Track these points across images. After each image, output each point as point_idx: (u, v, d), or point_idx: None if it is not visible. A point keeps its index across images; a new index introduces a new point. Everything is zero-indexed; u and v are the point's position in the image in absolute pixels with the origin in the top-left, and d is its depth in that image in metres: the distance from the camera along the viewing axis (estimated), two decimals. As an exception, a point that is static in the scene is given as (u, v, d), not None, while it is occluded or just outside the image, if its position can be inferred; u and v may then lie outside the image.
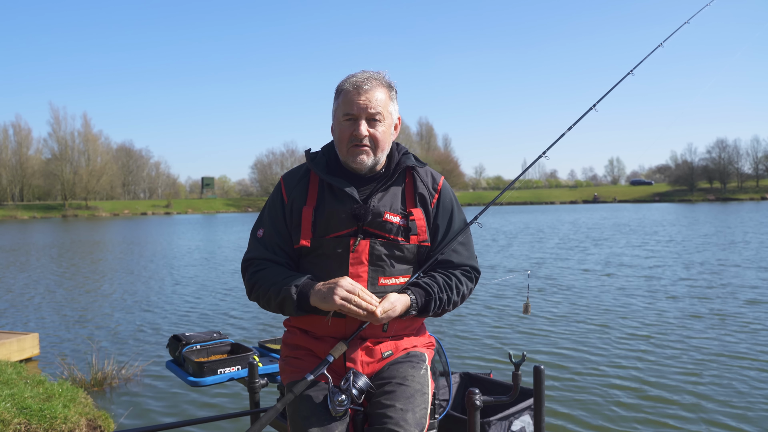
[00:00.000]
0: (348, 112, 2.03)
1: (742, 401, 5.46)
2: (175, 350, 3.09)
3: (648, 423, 5.07)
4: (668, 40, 2.83)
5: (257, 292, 2.05)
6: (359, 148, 2.03)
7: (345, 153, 2.06)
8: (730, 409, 5.30)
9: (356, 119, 2.02)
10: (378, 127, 2.04)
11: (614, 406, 5.45)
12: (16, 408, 4.35)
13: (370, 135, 2.03)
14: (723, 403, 5.44)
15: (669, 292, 11.16)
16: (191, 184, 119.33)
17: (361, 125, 2.02)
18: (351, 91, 2.02)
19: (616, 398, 5.63)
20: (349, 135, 2.03)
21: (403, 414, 1.86)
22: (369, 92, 2.02)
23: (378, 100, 2.03)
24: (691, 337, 7.72)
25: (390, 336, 2.07)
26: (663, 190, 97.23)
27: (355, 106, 2.01)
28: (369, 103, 2.01)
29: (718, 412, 5.25)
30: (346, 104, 2.03)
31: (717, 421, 5.07)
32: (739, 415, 5.16)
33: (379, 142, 2.05)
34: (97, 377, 6.36)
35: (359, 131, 2.01)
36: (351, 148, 2.04)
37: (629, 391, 5.81)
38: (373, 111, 2.02)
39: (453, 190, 2.24)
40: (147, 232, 38.58)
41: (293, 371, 2.05)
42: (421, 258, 2.12)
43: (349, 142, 2.03)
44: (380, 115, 2.04)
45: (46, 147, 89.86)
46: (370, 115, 2.02)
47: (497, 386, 2.85)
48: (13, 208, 79.43)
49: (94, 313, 10.59)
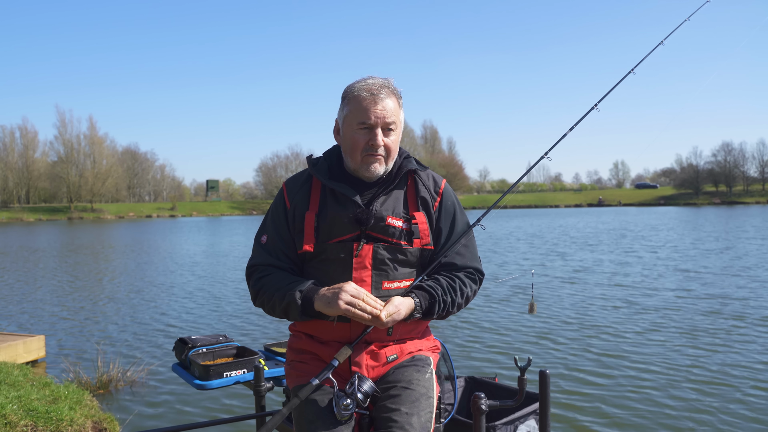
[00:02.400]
0: (364, 121, 2.02)
1: (751, 410, 5.43)
2: (181, 353, 3.10)
3: (654, 428, 5.05)
4: (669, 39, 2.83)
5: (262, 297, 2.05)
6: (374, 156, 2.04)
7: (359, 161, 2.05)
8: (739, 416, 5.27)
9: (372, 128, 2.02)
10: (392, 136, 2.05)
11: (620, 410, 5.43)
12: (23, 410, 4.37)
13: (384, 144, 2.04)
14: (731, 411, 5.41)
15: (677, 298, 11.11)
16: (196, 187, 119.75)
17: (378, 135, 2.01)
18: (366, 98, 2.01)
19: (621, 403, 5.61)
20: (365, 144, 2.03)
21: (408, 418, 1.86)
22: (384, 101, 2.02)
23: (392, 109, 2.04)
24: (699, 344, 7.69)
25: (395, 340, 2.07)
26: (668, 194, 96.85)
27: (371, 115, 2.00)
28: (385, 113, 2.01)
29: (725, 416, 5.22)
30: (361, 112, 2.01)
31: (724, 427, 5.04)
32: (746, 420, 5.14)
33: (392, 151, 2.07)
34: (103, 380, 6.38)
35: (376, 141, 2.01)
36: (365, 156, 2.04)
37: (635, 395, 5.79)
38: (389, 120, 2.03)
39: (456, 193, 2.24)
40: (152, 235, 38.68)
41: (299, 375, 2.06)
42: (424, 261, 2.12)
43: (364, 150, 2.03)
44: (394, 125, 2.05)
45: (52, 150, 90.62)
46: (386, 125, 2.03)
47: (502, 390, 2.85)
48: (19, 211, 79.82)
49: (99, 316, 10.63)
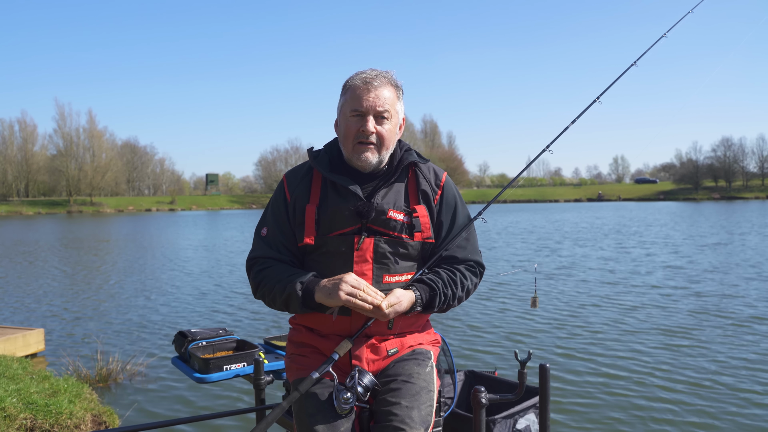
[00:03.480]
0: (356, 108, 2.01)
1: (749, 406, 5.44)
2: (180, 346, 3.09)
3: (653, 422, 5.06)
4: (672, 32, 2.82)
5: (262, 290, 2.05)
6: (365, 145, 2.03)
7: (350, 149, 2.05)
8: (737, 408, 5.28)
9: (364, 116, 2.01)
10: (385, 124, 2.03)
11: (619, 404, 5.44)
12: (23, 403, 4.37)
13: (376, 132, 2.02)
14: (730, 403, 5.43)
15: (680, 293, 11.12)
16: (195, 181, 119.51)
17: (368, 122, 2.00)
18: (360, 87, 2.01)
19: (621, 396, 5.62)
20: (356, 131, 2.02)
21: (408, 411, 1.86)
22: (378, 89, 2.01)
23: (386, 97, 2.02)
24: (700, 339, 7.70)
25: (395, 333, 2.06)
26: (668, 189, 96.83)
27: (363, 102, 2.00)
28: (378, 101, 2.00)
29: (724, 411, 5.23)
30: (354, 100, 2.01)
31: (724, 422, 5.05)
32: (747, 417, 5.15)
33: (385, 140, 2.05)
34: (102, 373, 6.39)
35: (367, 127, 2.00)
36: (356, 144, 2.03)
37: (635, 389, 5.80)
38: (381, 108, 2.01)
39: (457, 187, 2.23)
40: (152, 229, 38.68)
41: (299, 369, 2.05)
42: (425, 255, 2.11)
43: (355, 138, 2.02)
44: (388, 113, 2.03)
45: (51, 143, 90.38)
46: (378, 113, 2.01)
47: (502, 384, 2.85)
48: (18, 204, 79.74)
49: (99, 309, 10.63)
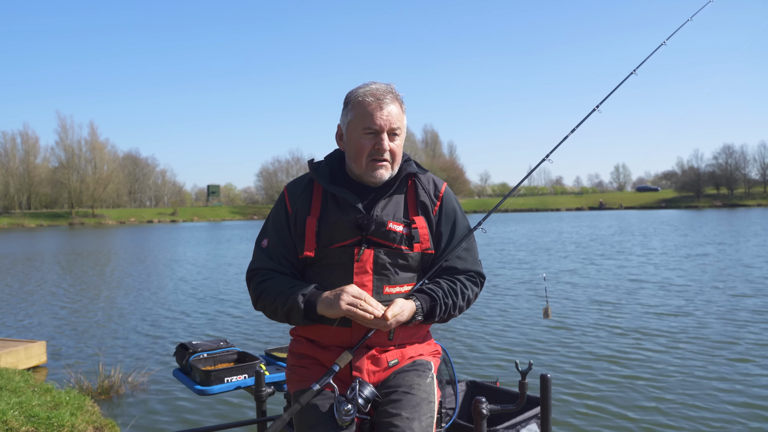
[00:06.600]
0: (369, 126, 2.03)
1: (757, 417, 5.42)
2: (182, 358, 3.10)
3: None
4: (671, 40, 2.83)
5: (263, 301, 2.06)
6: (380, 162, 2.05)
7: (364, 167, 2.06)
8: (742, 423, 5.26)
9: (378, 133, 2.03)
10: (396, 140, 2.07)
11: (621, 415, 5.42)
12: (24, 416, 4.37)
13: (390, 149, 2.05)
14: (735, 416, 5.40)
15: (682, 304, 11.09)
16: (197, 192, 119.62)
17: (384, 140, 2.03)
18: (372, 104, 2.03)
19: (622, 407, 5.60)
20: (370, 149, 2.04)
21: (409, 423, 1.86)
22: (389, 106, 2.04)
23: (397, 114, 2.06)
24: (702, 350, 7.67)
25: (396, 344, 2.07)
26: (669, 197, 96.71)
27: (377, 120, 2.02)
28: (391, 118, 2.03)
29: (730, 422, 5.21)
30: (366, 118, 2.03)
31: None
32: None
33: (397, 156, 2.08)
34: (104, 385, 6.38)
35: (382, 146, 2.03)
36: (371, 162, 2.05)
37: (636, 401, 5.78)
38: (394, 126, 2.05)
39: (456, 197, 2.24)
40: (153, 240, 38.70)
41: (300, 380, 2.06)
42: (425, 266, 2.12)
43: (369, 156, 2.05)
44: (399, 130, 2.07)
45: (53, 155, 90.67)
46: (391, 130, 2.05)
47: (504, 395, 2.85)
48: (20, 216, 79.89)
49: (100, 321, 10.63)
